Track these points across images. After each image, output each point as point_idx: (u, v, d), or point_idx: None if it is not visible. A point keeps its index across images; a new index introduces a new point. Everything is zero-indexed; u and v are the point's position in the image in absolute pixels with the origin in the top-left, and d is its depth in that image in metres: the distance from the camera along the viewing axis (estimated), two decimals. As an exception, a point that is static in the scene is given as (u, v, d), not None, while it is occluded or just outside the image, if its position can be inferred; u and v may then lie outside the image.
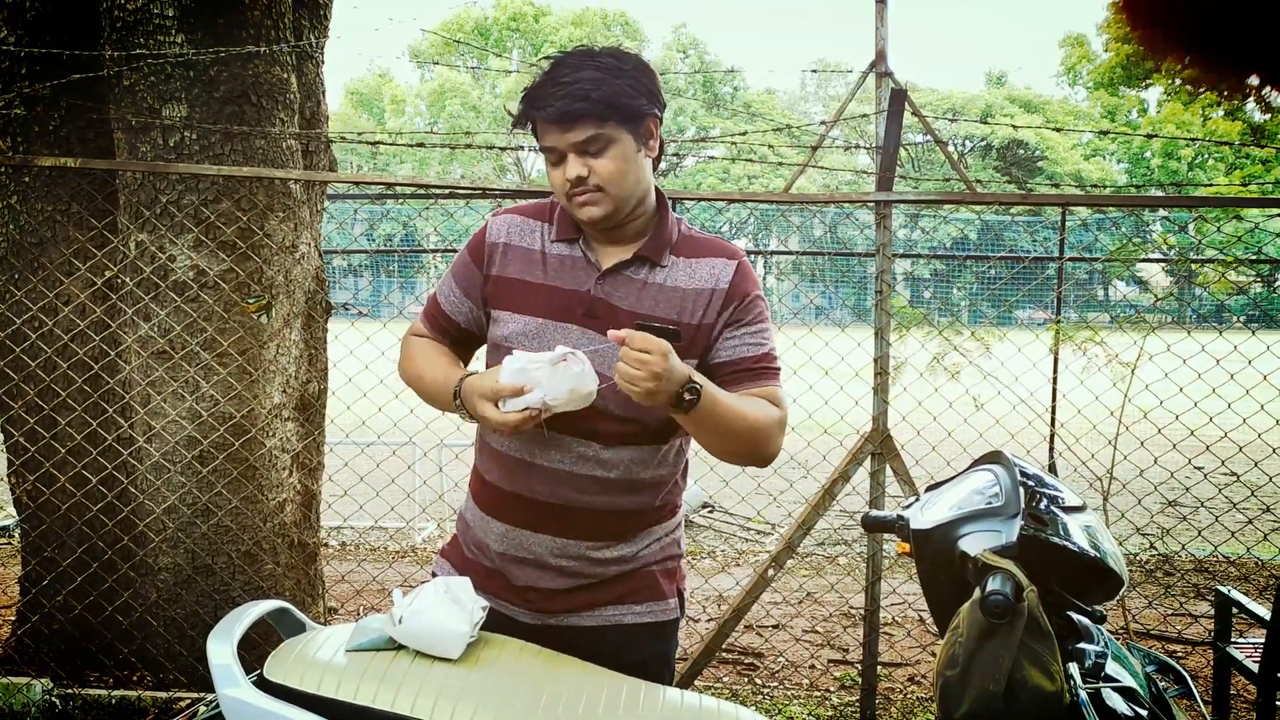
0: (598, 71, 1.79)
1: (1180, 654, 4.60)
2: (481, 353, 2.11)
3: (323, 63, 4.03)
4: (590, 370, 1.75)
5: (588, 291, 1.91)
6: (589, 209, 1.85)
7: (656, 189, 1.97)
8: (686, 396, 1.72)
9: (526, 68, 2.06)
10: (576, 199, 1.85)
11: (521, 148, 2.11)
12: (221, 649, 1.71)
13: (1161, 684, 1.80)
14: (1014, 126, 4.34)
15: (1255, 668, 3.19)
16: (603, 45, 1.88)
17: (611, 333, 1.71)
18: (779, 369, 1.97)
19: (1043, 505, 1.67)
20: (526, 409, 1.74)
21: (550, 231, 1.97)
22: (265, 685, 1.69)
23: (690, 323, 1.91)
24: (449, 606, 1.75)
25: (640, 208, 1.92)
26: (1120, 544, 6.10)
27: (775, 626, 4.94)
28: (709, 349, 1.94)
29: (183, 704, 3.50)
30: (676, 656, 2.13)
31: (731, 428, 1.82)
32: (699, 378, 1.75)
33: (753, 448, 1.87)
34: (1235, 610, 3.44)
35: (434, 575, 2.05)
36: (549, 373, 1.73)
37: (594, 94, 1.77)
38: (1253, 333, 4.17)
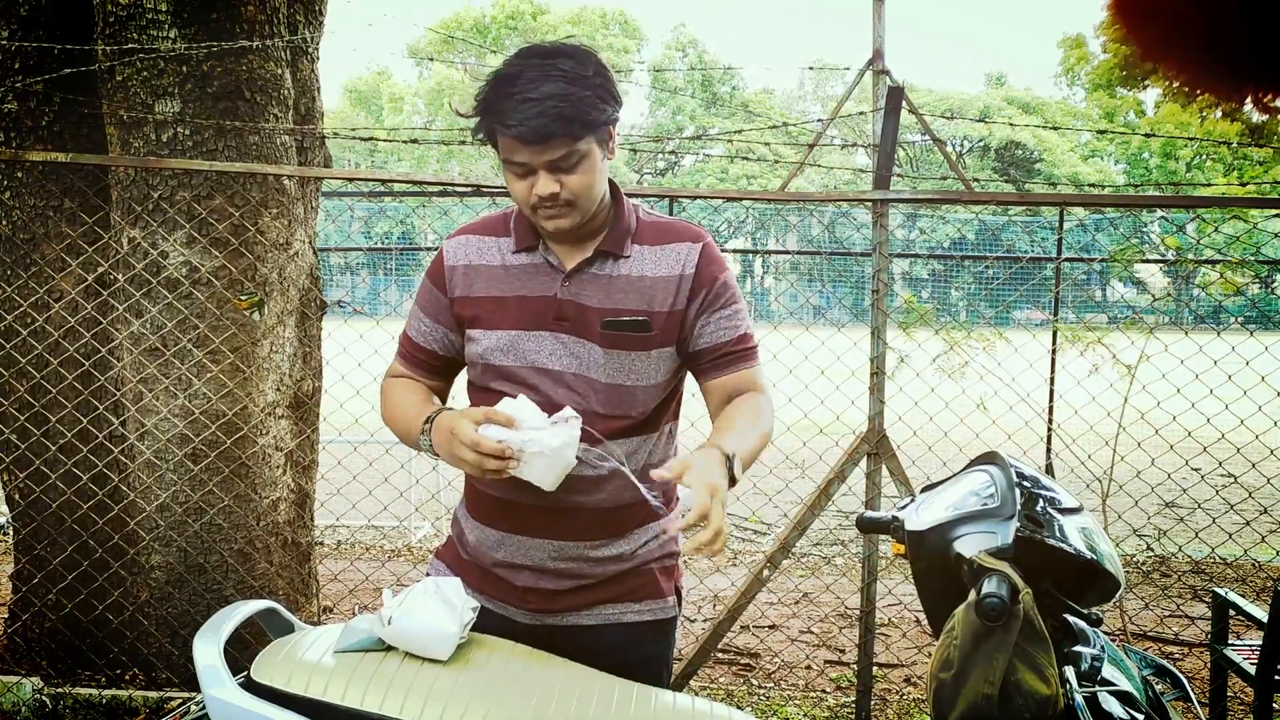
0: (564, 83, 1.72)
1: (1177, 656, 4.58)
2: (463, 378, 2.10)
3: (317, 59, 4.01)
4: (575, 445, 1.73)
5: (555, 296, 1.89)
6: (558, 223, 1.83)
7: (610, 180, 1.95)
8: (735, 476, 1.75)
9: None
10: (545, 212, 1.82)
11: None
12: (208, 649, 1.69)
13: (1158, 687, 1.79)
14: (1011, 125, 4.33)
15: (1252, 670, 3.18)
16: (551, 42, 1.81)
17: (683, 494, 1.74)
18: (756, 347, 1.98)
19: (1039, 507, 1.65)
20: (502, 442, 1.70)
21: (508, 244, 1.95)
22: (252, 686, 1.67)
23: (661, 310, 1.89)
24: (439, 607, 1.73)
25: (600, 207, 1.90)
26: (1117, 545, 6.09)
27: (771, 627, 4.93)
28: (686, 337, 1.93)
29: (174, 704, 3.48)
30: (672, 658, 2.12)
31: (756, 452, 1.88)
32: (729, 450, 1.74)
33: (763, 448, 1.94)
34: (1232, 612, 3.43)
35: (429, 576, 2.03)
36: (545, 423, 1.72)
37: (567, 111, 1.71)
38: (1250, 334, 4.16)
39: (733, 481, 1.72)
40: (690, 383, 2.06)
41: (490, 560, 1.97)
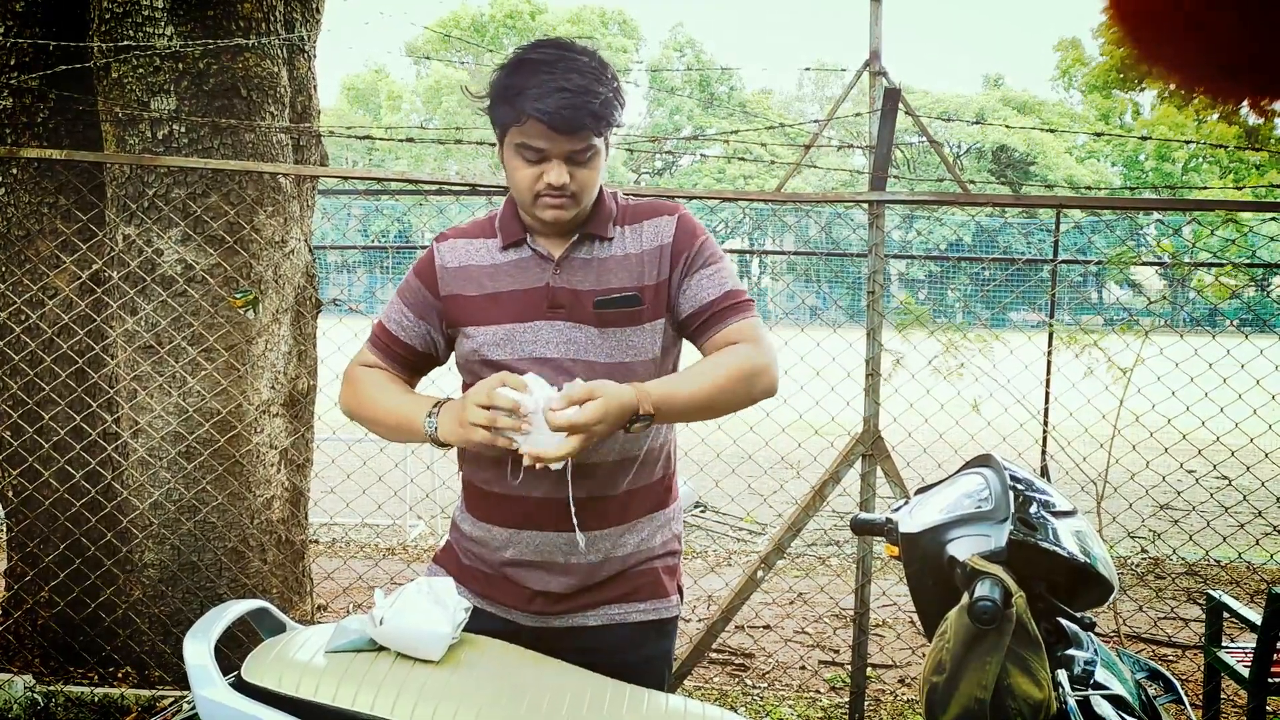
0: (592, 79, 1.77)
1: (1171, 658, 4.59)
2: (436, 376, 2.09)
3: (314, 56, 4.00)
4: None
5: (547, 285, 1.91)
6: (558, 213, 1.85)
7: None
8: (637, 425, 1.73)
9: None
10: (547, 201, 1.84)
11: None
12: (199, 649, 1.68)
13: (1151, 691, 1.79)
14: (1007, 128, 4.33)
15: (1245, 672, 3.18)
16: (567, 38, 1.85)
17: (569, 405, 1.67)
18: (749, 301, 1.94)
19: (1032, 510, 1.65)
20: (515, 402, 1.68)
21: (495, 244, 1.96)
22: (243, 686, 1.66)
23: (649, 284, 1.91)
24: (431, 607, 1.73)
25: None
26: (1111, 548, 6.09)
27: (765, 627, 4.92)
28: (675, 305, 1.94)
29: (165, 702, 3.47)
30: (673, 656, 2.13)
31: (707, 404, 1.81)
32: (645, 399, 1.72)
33: (741, 399, 1.85)
34: (1226, 615, 3.43)
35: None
36: (557, 399, 1.69)
37: (595, 105, 1.76)
38: (1246, 337, 4.16)
39: (647, 417, 1.73)
40: None
41: (498, 561, 1.96)
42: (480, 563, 2.00)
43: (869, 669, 4.08)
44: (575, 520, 1.83)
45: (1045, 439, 6.65)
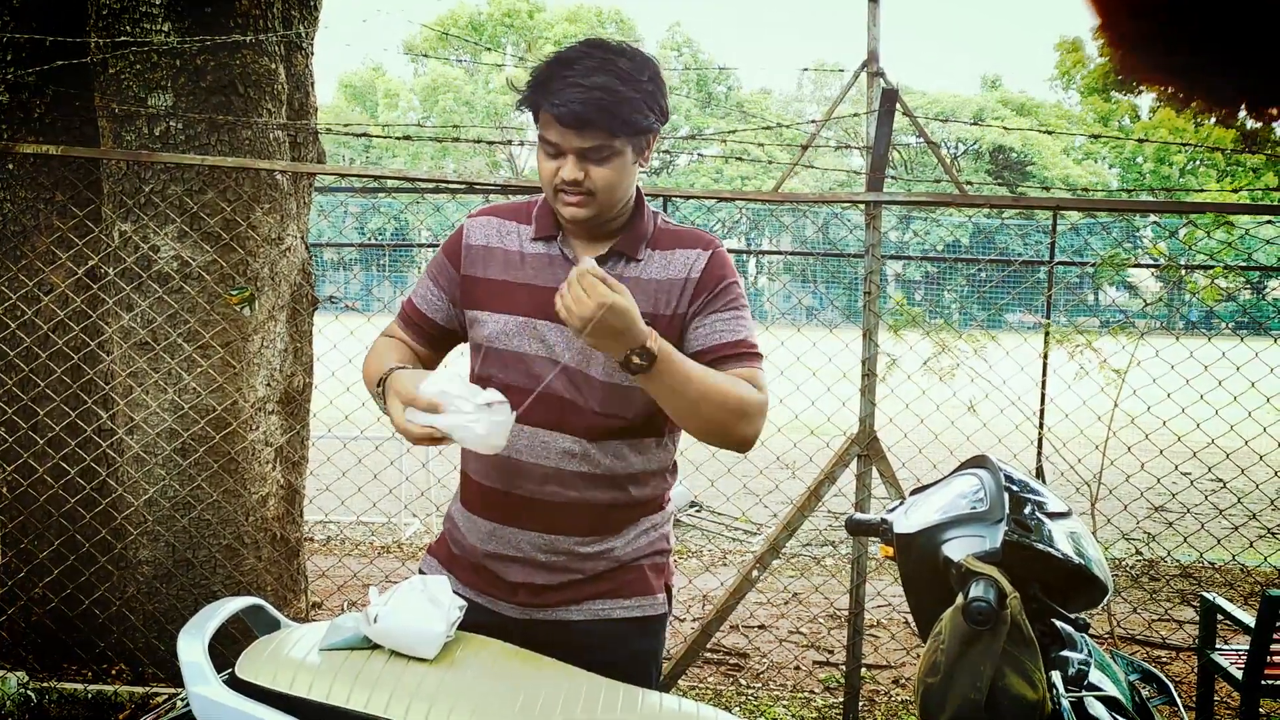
0: (617, 79, 1.76)
1: (1164, 659, 4.59)
2: (464, 349, 2.09)
3: (312, 54, 4.00)
4: (509, 425, 1.72)
5: None
6: (575, 210, 1.84)
7: (637, 188, 1.96)
8: (635, 360, 1.68)
9: (518, 63, 2.02)
10: (565, 198, 1.84)
11: (510, 142, 2.10)
12: (192, 646, 1.68)
13: (1145, 692, 1.79)
14: (1004, 129, 4.34)
15: (1239, 674, 3.19)
16: (617, 40, 1.86)
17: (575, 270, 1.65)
18: (759, 354, 1.92)
19: (1027, 511, 1.65)
20: (430, 427, 1.70)
21: (528, 232, 1.96)
22: (236, 683, 1.66)
23: (665, 314, 1.89)
24: (426, 606, 1.72)
25: (621, 209, 1.92)
26: (1106, 550, 6.10)
27: (760, 627, 4.93)
28: (683, 339, 1.92)
29: (158, 699, 3.47)
30: (662, 656, 2.12)
31: (698, 399, 1.77)
32: (658, 345, 1.70)
33: (728, 423, 1.81)
34: (1219, 617, 3.44)
35: (421, 573, 2.03)
36: (471, 409, 1.69)
37: (610, 105, 1.75)
38: (1241, 339, 4.16)
39: (649, 360, 1.69)
40: None
41: (481, 553, 1.97)
42: (468, 553, 2.01)
43: (863, 669, 4.08)
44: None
45: (1040, 441, 6.66)
